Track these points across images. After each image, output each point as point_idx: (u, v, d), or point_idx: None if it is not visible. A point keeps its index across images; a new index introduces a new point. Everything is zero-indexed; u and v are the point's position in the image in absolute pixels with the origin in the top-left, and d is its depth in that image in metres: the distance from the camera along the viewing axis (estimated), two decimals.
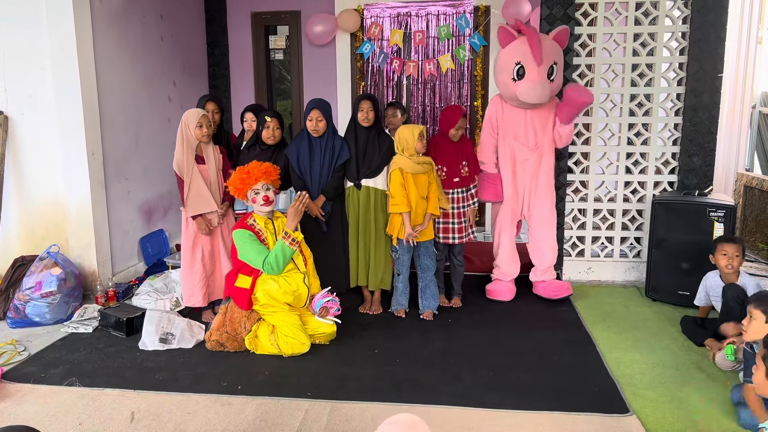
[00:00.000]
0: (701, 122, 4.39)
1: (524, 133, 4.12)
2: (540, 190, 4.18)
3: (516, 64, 3.91)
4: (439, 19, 5.99)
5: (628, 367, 3.24)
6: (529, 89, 3.85)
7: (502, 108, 4.17)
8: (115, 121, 4.57)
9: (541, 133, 4.11)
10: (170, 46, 5.43)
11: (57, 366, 3.28)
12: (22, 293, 3.82)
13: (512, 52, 3.94)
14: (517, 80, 3.92)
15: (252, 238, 3.41)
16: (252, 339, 3.45)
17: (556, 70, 3.92)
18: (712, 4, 4.24)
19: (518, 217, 4.31)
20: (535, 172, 4.16)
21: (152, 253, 5.03)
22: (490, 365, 3.25)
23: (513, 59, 3.92)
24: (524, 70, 3.87)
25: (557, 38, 3.98)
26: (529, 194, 4.22)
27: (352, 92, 6.18)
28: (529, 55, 3.84)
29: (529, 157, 4.13)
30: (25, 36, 4.12)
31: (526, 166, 4.16)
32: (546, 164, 4.16)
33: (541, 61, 3.82)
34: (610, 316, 4.00)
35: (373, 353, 3.43)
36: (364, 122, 3.90)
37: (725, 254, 3.51)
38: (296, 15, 6.16)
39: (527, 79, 3.87)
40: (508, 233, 4.31)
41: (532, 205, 4.22)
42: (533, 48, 3.82)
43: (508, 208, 4.26)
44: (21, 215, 4.33)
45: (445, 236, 4.08)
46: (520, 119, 4.11)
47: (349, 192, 4.01)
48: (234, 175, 3.49)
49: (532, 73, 3.85)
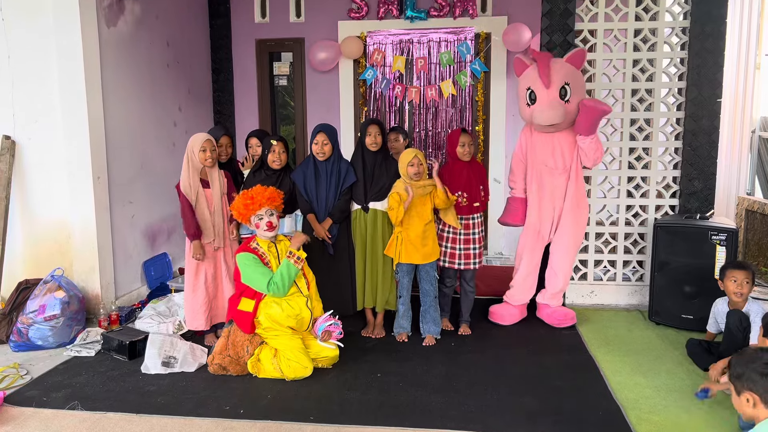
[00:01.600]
0: (701, 146, 4.42)
1: (552, 158, 4.13)
2: (565, 213, 4.17)
3: (527, 90, 4.04)
4: (441, 46, 6.07)
5: (632, 391, 3.23)
6: (539, 112, 3.94)
7: (530, 134, 4.23)
8: (121, 145, 4.63)
9: (569, 156, 4.12)
10: (176, 72, 5.51)
11: (59, 390, 3.27)
12: (26, 316, 3.83)
13: (524, 79, 4.11)
14: (530, 105, 4.03)
15: (256, 261, 3.43)
16: (254, 363, 3.44)
17: (570, 90, 3.95)
18: (710, 31, 4.31)
19: (545, 241, 4.28)
20: (562, 196, 4.16)
21: (155, 276, 5.04)
22: (495, 390, 3.24)
23: (525, 86, 4.09)
24: (535, 94, 3.98)
25: (571, 60, 4.03)
26: (558, 218, 4.21)
27: (355, 117, 6.25)
28: (538, 79, 3.94)
29: (559, 181, 4.14)
30: (34, 62, 4.19)
31: (555, 190, 4.16)
32: (574, 188, 4.15)
33: (549, 84, 3.90)
34: (613, 340, 3.99)
35: (375, 377, 3.42)
36: (372, 146, 3.96)
37: (735, 280, 3.43)
38: (300, 42, 6.26)
39: (538, 102, 3.98)
40: (529, 257, 4.28)
41: (560, 230, 4.21)
42: (540, 72, 3.92)
43: (532, 231, 4.25)
44: (26, 238, 4.36)
45: (466, 262, 4.05)
46: (547, 144, 4.14)
47: (356, 215, 4.03)
48: (238, 199, 3.52)
49: (542, 97, 3.95)
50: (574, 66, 4.04)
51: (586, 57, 4.11)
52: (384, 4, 5.98)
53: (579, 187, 4.19)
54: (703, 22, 4.31)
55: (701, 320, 3.87)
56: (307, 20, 6.20)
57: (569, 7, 4.39)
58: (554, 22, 4.41)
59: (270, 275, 3.41)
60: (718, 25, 4.29)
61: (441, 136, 6.24)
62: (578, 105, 3.95)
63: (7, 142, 4.24)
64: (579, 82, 4.04)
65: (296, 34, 6.25)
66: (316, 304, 3.65)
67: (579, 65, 4.07)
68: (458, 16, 5.92)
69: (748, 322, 3.35)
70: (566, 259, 4.24)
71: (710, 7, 4.29)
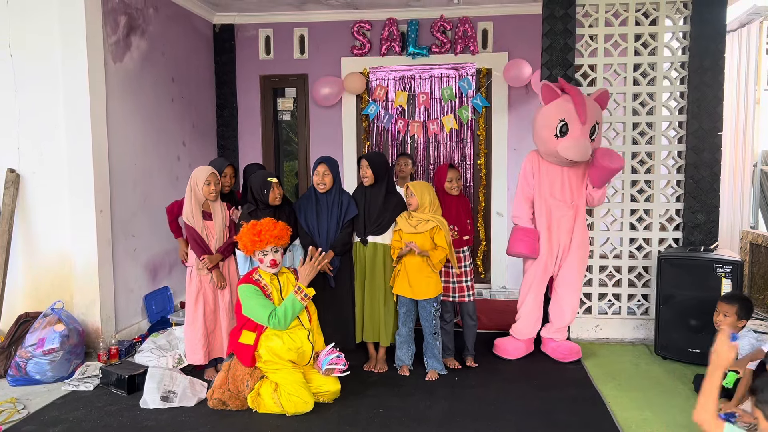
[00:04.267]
0: (703, 179, 4.42)
1: (561, 190, 4.10)
2: (573, 248, 4.14)
3: (560, 121, 3.91)
4: (442, 82, 6.15)
5: (640, 428, 3.16)
6: (571, 146, 3.86)
7: (539, 164, 4.16)
8: (125, 179, 4.65)
9: (577, 190, 4.11)
10: (180, 108, 5.58)
11: (56, 425, 3.22)
12: (24, 350, 3.79)
13: (556, 109, 3.95)
14: (559, 137, 3.93)
15: (258, 293, 3.40)
16: (255, 397, 3.38)
17: (598, 129, 3.97)
18: (708, 65, 4.36)
19: (550, 274, 4.23)
20: (569, 229, 4.13)
21: (156, 310, 5.01)
22: (499, 426, 3.17)
23: (557, 116, 3.93)
24: (568, 127, 3.89)
25: (598, 99, 4.04)
26: (563, 252, 4.16)
27: (358, 151, 6.29)
28: (573, 113, 3.87)
29: (566, 214, 4.11)
30: (40, 97, 4.25)
31: (561, 222, 4.12)
32: (580, 222, 4.14)
33: (585, 120, 3.86)
34: (620, 375, 3.92)
35: (377, 412, 3.36)
36: (365, 180, 3.99)
37: (717, 312, 3.56)
38: (303, 78, 6.35)
39: (570, 136, 3.89)
40: (535, 291, 4.22)
41: (564, 264, 4.18)
42: (578, 107, 3.86)
43: (541, 264, 4.18)
44: (27, 271, 4.35)
45: (461, 295, 4.05)
46: (557, 176, 4.10)
47: (356, 248, 4.03)
48: (246, 231, 3.45)
49: (576, 131, 3.88)
50: (600, 105, 4.06)
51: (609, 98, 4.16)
52: (386, 41, 6.08)
53: (584, 223, 4.19)
54: (702, 57, 4.37)
55: (708, 354, 3.80)
56: (311, 57, 6.30)
57: (569, 42, 4.45)
58: (554, 57, 4.47)
59: (271, 308, 3.37)
60: (717, 59, 4.34)
61: None
62: (594, 153, 3.95)
63: (12, 175, 4.26)
64: (602, 121, 4.09)
65: (300, 71, 6.34)
66: (317, 338, 3.61)
67: (604, 105, 4.10)
68: (459, 53, 6.01)
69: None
70: (574, 295, 4.20)
71: (708, 42, 4.35)
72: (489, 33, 6.03)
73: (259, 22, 6.29)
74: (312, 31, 6.26)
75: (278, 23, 6.27)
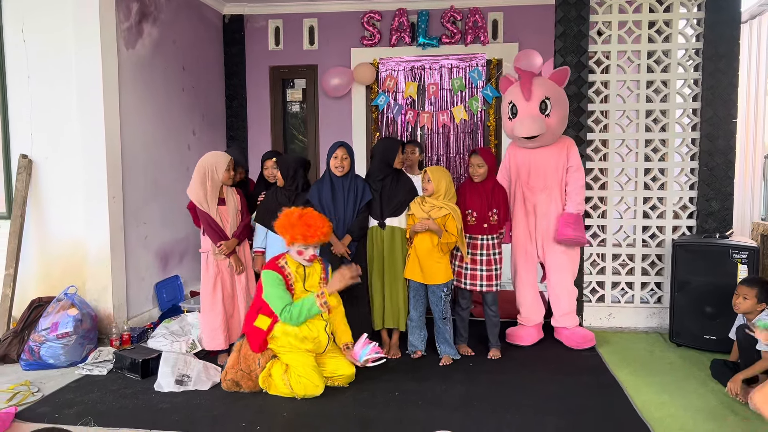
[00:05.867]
0: (717, 166, 4.40)
1: (535, 175, 4.16)
2: (553, 232, 4.15)
3: (509, 104, 4.16)
4: (453, 72, 6.13)
5: (658, 410, 3.14)
6: (519, 124, 4.04)
7: (515, 152, 4.29)
8: (135, 166, 4.64)
9: (552, 175, 4.13)
10: (191, 97, 5.57)
11: (71, 407, 3.21)
12: (38, 334, 3.78)
13: (507, 94, 4.25)
14: (512, 119, 4.13)
15: (280, 282, 3.38)
16: (266, 377, 3.37)
17: (550, 104, 4.01)
18: (723, 52, 4.34)
19: (535, 260, 4.26)
20: (546, 213, 4.15)
21: (167, 299, 4.99)
22: (516, 409, 3.16)
23: (507, 100, 4.22)
24: (516, 108, 4.09)
25: (554, 78, 4.12)
26: (542, 237, 4.19)
27: (367, 142, 6.28)
28: (519, 93, 4.05)
29: (540, 198, 4.15)
30: (53, 82, 4.24)
31: (537, 208, 4.17)
32: (557, 206, 4.15)
33: (529, 97, 4.01)
34: (635, 361, 3.90)
35: (393, 396, 3.34)
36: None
37: (737, 294, 3.58)
38: (313, 69, 6.33)
39: (518, 115, 4.08)
40: (524, 277, 4.26)
41: (547, 249, 4.19)
42: (522, 86, 4.05)
43: (521, 251, 4.25)
44: (40, 256, 4.34)
45: (472, 282, 3.99)
46: (528, 161, 4.19)
47: (373, 232, 4.00)
48: (294, 218, 3.35)
49: (522, 109, 4.06)
50: (557, 83, 4.11)
51: (568, 76, 4.15)
52: (396, 31, 6.07)
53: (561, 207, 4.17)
54: (717, 44, 4.34)
55: (724, 341, 3.80)
56: (320, 48, 6.28)
57: (582, 29, 4.43)
58: (568, 44, 4.46)
59: (288, 301, 3.35)
60: (732, 46, 4.32)
61: (453, 160, 6.25)
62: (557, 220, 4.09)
63: (24, 161, 4.25)
64: (561, 97, 4.09)
65: (309, 61, 6.32)
66: (343, 328, 3.60)
67: (561, 83, 4.13)
68: (470, 43, 5.99)
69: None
70: (564, 278, 4.17)
71: (723, 28, 4.33)
72: (499, 23, 6.01)
73: (268, 12, 6.27)
74: (322, 21, 6.25)
75: (288, 14, 6.26)
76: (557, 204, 4.15)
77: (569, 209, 4.08)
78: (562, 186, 4.15)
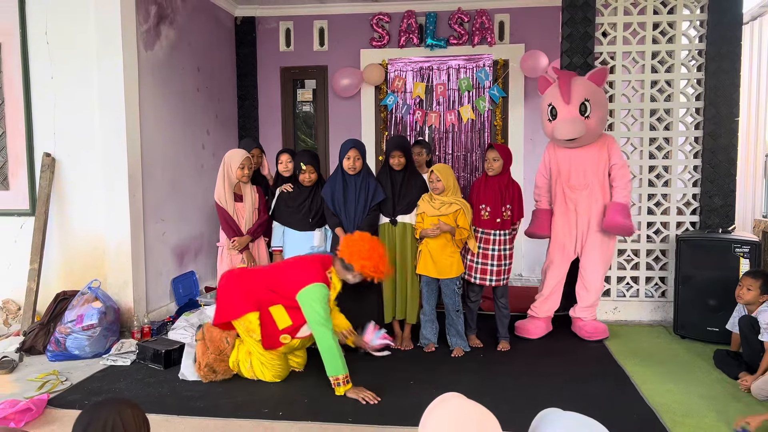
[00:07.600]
0: (720, 164, 4.53)
1: (575, 174, 4.24)
2: (593, 230, 4.25)
3: (549, 106, 4.21)
4: (460, 73, 6.27)
5: (663, 397, 3.27)
6: (560, 127, 4.08)
7: (554, 151, 4.36)
8: (154, 165, 4.77)
9: (592, 173, 4.21)
10: (205, 98, 5.70)
11: (99, 394, 3.34)
12: (64, 326, 3.91)
13: (546, 96, 4.29)
14: (552, 120, 4.18)
15: (326, 300, 3.37)
16: (235, 361, 3.53)
17: (590, 106, 4.07)
18: (725, 52, 4.47)
19: (571, 256, 4.35)
20: (587, 210, 4.24)
21: (183, 294, 5.12)
22: (528, 395, 3.29)
23: (547, 102, 4.26)
24: (556, 110, 4.14)
25: (592, 78, 4.16)
26: (584, 233, 4.29)
27: (376, 141, 6.41)
28: (559, 95, 4.09)
29: (581, 196, 4.24)
30: (76, 82, 4.37)
31: (578, 205, 4.26)
32: (597, 203, 4.23)
33: (569, 100, 4.05)
34: (641, 352, 4.03)
35: (408, 384, 3.47)
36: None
37: (741, 286, 3.68)
38: (323, 69, 6.47)
39: (558, 117, 4.13)
40: (555, 270, 4.37)
41: (586, 245, 4.29)
42: (561, 88, 4.08)
43: (558, 244, 4.35)
44: (63, 252, 4.47)
45: (482, 277, 4.09)
46: (569, 161, 4.26)
47: (385, 229, 4.12)
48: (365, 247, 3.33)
49: (562, 111, 4.10)
50: (596, 84, 4.16)
51: (607, 76, 4.23)
52: (405, 33, 6.20)
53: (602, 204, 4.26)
54: (719, 44, 4.48)
55: (727, 332, 3.92)
56: (330, 49, 6.42)
57: (588, 30, 4.57)
58: (574, 45, 4.59)
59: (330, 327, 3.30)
60: (734, 46, 4.45)
61: (460, 159, 6.38)
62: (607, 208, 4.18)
63: (48, 159, 4.39)
64: (600, 99, 4.15)
65: (320, 62, 6.46)
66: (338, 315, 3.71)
67: (600, 83, 4.19)
68: (477, 44, 6.13)
69: (757, 323, 3.48)
70: (596, 275, 4.30)
71: (725, 29, 4.46)
72: (506, 25, 6.14)
73: (279, 14, 6.41)
74: (332, 23, 6.38)
75: (298, 16, 6.40)
76: (598, 201, 4.24)
77: (617, 199, 4.15)
78: (603, 183, 4.23)
